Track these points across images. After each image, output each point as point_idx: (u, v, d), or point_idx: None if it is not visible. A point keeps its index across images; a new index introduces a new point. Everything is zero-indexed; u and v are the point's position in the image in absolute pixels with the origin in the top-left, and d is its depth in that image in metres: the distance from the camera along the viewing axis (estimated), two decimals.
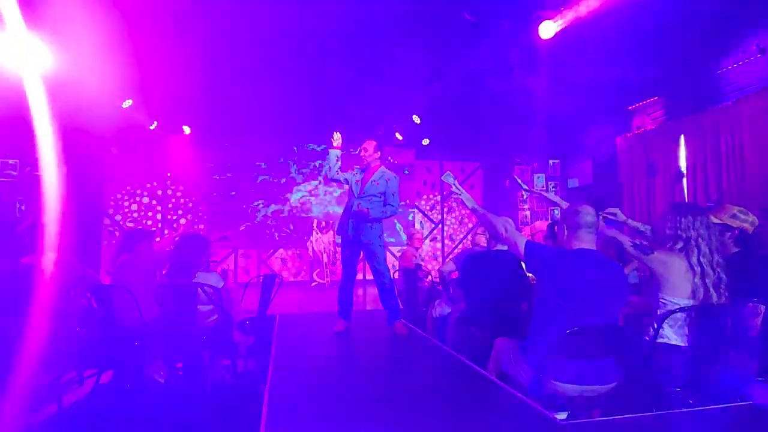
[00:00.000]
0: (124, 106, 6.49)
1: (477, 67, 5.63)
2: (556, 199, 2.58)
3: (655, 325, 2.06)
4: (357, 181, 3.59)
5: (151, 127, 7.32)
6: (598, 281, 1.95)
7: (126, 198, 8.11)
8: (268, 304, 4.14)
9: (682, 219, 2.08)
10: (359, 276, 8.95)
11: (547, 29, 4.36)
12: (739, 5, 4.07)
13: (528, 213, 8.75)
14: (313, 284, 7.85)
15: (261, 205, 8.58)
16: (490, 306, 2.71)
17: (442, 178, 2.68)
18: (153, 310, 3.11)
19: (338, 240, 3.78)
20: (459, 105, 6.97)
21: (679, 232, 2.08)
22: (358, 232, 3.50)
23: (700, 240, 2.03)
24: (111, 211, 8.00)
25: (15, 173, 6.81)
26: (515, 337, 2.34)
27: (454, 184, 2.70)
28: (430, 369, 2.58)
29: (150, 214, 8.24)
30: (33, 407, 2.67)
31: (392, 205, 3.56)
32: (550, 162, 8.96)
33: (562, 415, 1.93)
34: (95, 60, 5.14)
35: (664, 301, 2.08)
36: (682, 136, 5.89)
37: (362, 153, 3.61)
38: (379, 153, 3.60)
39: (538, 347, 1.96)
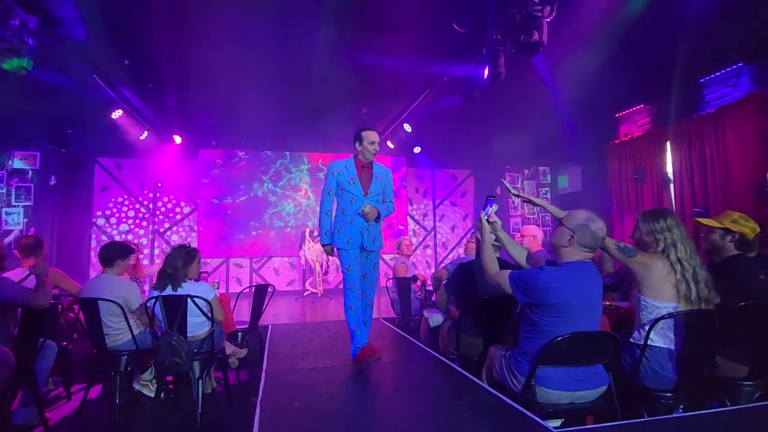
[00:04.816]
0: (114, 117, 6.44)
1: (467, 76, 5.70)
2: (543, 203, 2.59)
3: (642, 330, 2.08)
4: (351, 179, 3.00)
5: (142, 138, 7.27)
6: (591, 292, 1.96)
7: (116, 208, 8.02)
8: (260, 315, 4.11)
9: (655, 223, 2.15)
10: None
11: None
12: (721, 16, 4.18)
13: (519, 220, 8.82)
14: (306, 294, 7.80)
15: (254, 213, 8.54)
16: (484, 314, 2.72)
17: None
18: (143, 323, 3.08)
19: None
20: (450, 113, 7.03)
21: (656, 235, 2.14)
22: (366, 239, 3.02)
23: (675, 239, 2.10)
24: (100, 222, 7.90)
25: (1, 184, 6.72)
26: (509, 344, 2.35)
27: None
28: (424, 377, 2.58)
29: (135, 222, 8.15)
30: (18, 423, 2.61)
31: (392, 202, 3.15)
32: (541, 169, 9.07)
33: (555, 423, 1.94)
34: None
35: (645, 303, 2.11)
36: (668, 143, 6.01)
37: (374, 147, 3.01)
38: None
39: (529, 355, 1.96)
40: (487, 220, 2.35)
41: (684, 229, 2.14)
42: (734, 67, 5.04)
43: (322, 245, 3.09)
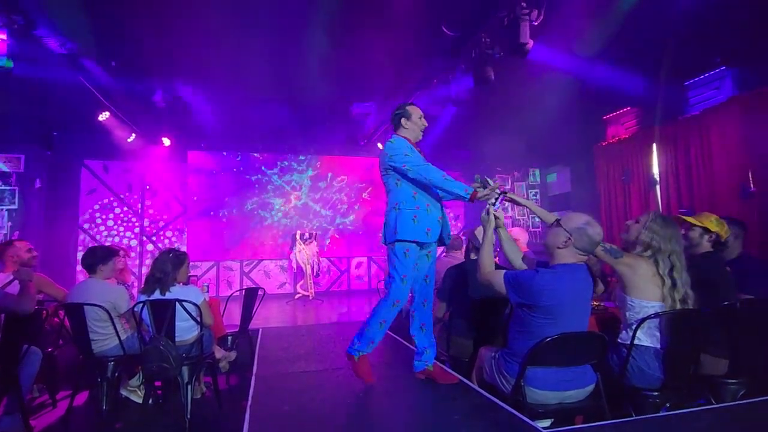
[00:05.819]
0: (100, 119, 6.35)
1: (457, 79, 5.73)
2: (528, 203, 2.61)
3: (629, 330, 2.11)
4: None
5: (129, 140, 7.18)
6: (582, 293, 1.99)
7: (103, 211, 7.91)
8: (251, 318, 4.07)
9: (663, 228, 2.16)
10: (343, 286, 8.89)
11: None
12: (705, 21, 4.27)
13: (509, 221, 8.87)
14: (297, 296, 7.76)
15: (245, 216, 8.48)
16: (474, 314, 2.73)
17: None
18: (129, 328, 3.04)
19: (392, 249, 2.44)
20: (441, 115, 7.06)
21: (653, 241, 2.15)
22: (445, 230, 2.56)
23: (674, 256, 2.12)
24: (86, 226, 7.78)
25: None
26: (499, 345, 2.36)
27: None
28: (414, 380, 2.57)
29: (127, 229, 8.04)
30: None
31: None
32: (531, 170, 9.14)
33: (545, 423, 1.95)
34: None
35: (631, 303, 2.14)
36: (655, 145, 6.10)
37: (423, 122, 2.67)
38: None
39: (518, 356, 1.97)
40: (494, 214, 2.34)
41: (682, 248, 2.18)
42: (717, 70, 5.14)
43: (473, 194, 2.30)
